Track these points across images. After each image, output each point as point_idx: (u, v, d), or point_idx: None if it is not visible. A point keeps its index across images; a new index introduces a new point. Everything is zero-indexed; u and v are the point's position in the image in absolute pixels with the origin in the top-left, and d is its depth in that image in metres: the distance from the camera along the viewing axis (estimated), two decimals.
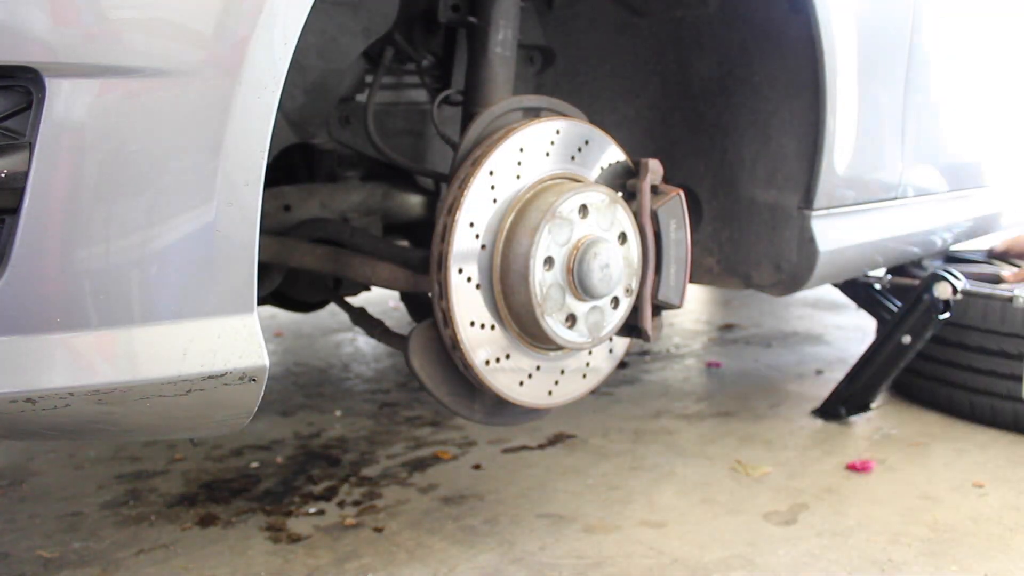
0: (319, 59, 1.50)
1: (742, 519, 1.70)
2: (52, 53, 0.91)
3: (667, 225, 1.48)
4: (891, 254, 2.12)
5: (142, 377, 0.99)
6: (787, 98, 1.76)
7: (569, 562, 1.54)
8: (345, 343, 3.28)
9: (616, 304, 1.42)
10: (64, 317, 0.95)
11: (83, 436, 1.12)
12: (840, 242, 1.83)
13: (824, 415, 2.30)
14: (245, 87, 0.97)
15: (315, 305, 2.26)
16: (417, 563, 1.54)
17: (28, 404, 0.96)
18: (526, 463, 2.01)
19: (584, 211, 1.36)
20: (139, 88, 0.93)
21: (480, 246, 1.34)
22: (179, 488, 1.88)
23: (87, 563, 1.56)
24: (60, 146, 0.92)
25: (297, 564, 1.54)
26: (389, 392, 2.60)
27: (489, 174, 1.33)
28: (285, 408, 2.45)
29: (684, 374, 2.78)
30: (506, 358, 1.38)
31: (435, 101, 1.57)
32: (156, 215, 0.96)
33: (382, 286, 1.48)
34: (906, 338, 2.16)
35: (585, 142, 1.43)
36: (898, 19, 1.89)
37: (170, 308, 0.98)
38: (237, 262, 1.01)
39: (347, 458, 2.05)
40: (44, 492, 1.87)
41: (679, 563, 1.53)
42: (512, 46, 1.54)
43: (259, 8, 0.98)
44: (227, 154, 0.97)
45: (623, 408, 2.41)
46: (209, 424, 1.14)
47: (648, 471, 1.95)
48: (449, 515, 1.73)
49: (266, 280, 1.70)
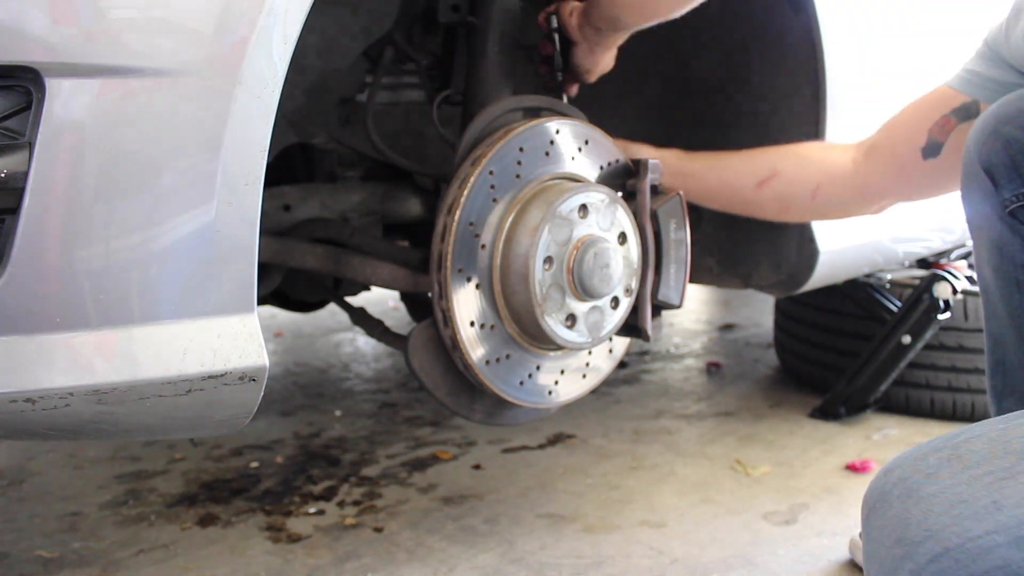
0: (319, 59, 1.50)
1: (742, 519, 1.70)
2: (52, 53, 0.91)
3: (667, 225, 1.48)
4: (891, 254, 2.12)
5: (142, 377, 0.99)
6: (787, 98, 1.76)
7: (569, 562, 1.54)
8: (345, 343, 3.28)
9: (616, 304, 1.42)
10: (64, 317, 0.95)
11: (83, 436, 1.12)
12: (840, 242, 1.83)
13: (824, 415, 2.30)
14: (245, 87, 0.97)
15: (315, 305, 2.26)
16: (417, 563, 1.54)
17: (28, 404, 0.96)
18: (526, 463, 2.01)
19: (584, 211, 1.36)
20: (139, 88, 0.93)
21: (480, 246, 1.34)
22: (179, 488, 1.88)
23: (87, 563, 1.56)
24: (60, 146, 0.92)
25: (297, 564, 1.54)
26: (389, 392, 2.60)
27: (489, 174, 1.33)
28: (285, 408, 2.45)
29: (684, 374, 2.78)
30: (506, 358, 1.38)
31: (435, 101, 1.57)
32: (156, 215, 0.96)
33: (382, 286, 1.48)
34: (906, 338, 2.17)
35: (585, 142, 1.43)
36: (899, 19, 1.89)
37: (170, 308, 0.98)
38: (237, 262, 1.01)
39: (347, 458, 2.05)
40: (44, 492, 1.88)
41: (679, 563, 1.53)
42: (512, 46, 1.54)
43: (259, 8, 0.98)
44: (227, 154, 0.97)
45: (623, 408, 2.41)
46: (209, 424, 1.14)
47: (648, 471, 1.95)
48: (449, 515, 1.73)
49: (266, 280, 1.70)
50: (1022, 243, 1.20)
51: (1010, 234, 1.20)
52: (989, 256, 1.24)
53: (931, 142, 1.40)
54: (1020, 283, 1.21)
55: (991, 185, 1.21)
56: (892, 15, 1.88)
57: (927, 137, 1.41)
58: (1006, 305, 1.24)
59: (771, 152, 1.62)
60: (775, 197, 1.58)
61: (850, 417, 2.27)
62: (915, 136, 1.43)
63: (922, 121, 1.42)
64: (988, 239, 1.24)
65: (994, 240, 1.22)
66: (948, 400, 2.25)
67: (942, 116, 1.40)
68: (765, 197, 1.59)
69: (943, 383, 2.25)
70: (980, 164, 1.22)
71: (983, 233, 1.25)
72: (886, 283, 2.35)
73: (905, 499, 0.79)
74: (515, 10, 1.53)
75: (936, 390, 2.26)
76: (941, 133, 1.39)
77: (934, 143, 1.40)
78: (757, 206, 1.62)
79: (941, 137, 1.39)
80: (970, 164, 1.25)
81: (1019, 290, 1.21)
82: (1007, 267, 1.22)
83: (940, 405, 2.27)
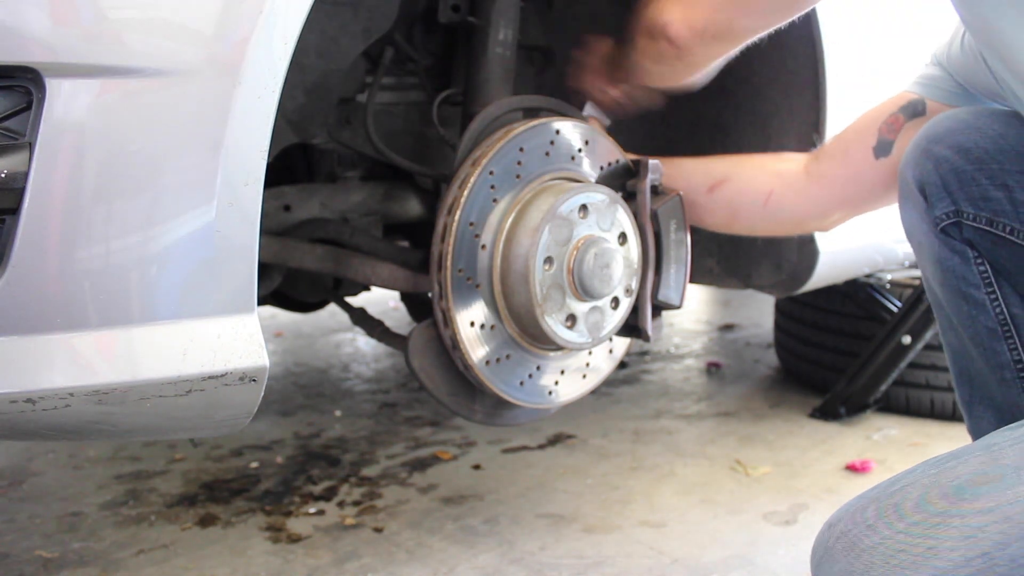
0: (319, 59, 1.50)
1: (742, 519, 1.70)
2: (52, 53, 0.91)
3: (667, 225, 1.48)
4: (891, 254, 2.11)
5: (142, 377, 0.98)
6: (787, 98, 1.75)
7: (569, 562, 1.54)
8: (345, 343, 3.28)
9: (616, 304, 1.42)
10: (64, 317, 0.95)
11: (83, 436, 1.12)
12: (840, 242, 1.83)
13: (824, 415, 2.30)
14: (245, 87, 0.97)
15: (315, 305, 2.26)
16: (417, 563, 1.54)
17: (28, 404, 0.96)
18: (526, 463, 2.01)
19: (584, 211, 1.36)
20: (139, 88, 0.93)
21: (480, 246, 1.34)
22: (179, 488, 1.88)
23: (87, 563, 1.56)
24: (60, 146, 0.92)
25: (297, 564, 1.54)
26: (389, 392, 2.60)
27: (489, 174, 1.33)
28: (285, 408, 2.45)
29: (684, 374, 2.78)
30: (506, 358, 1.38)
31: (435, 101, 1.57)
32: (156, 215, 0.96)
33: (382, 286, 1.48)
34: (906, 338, 2.17)
35: (585, 142, 1.43)
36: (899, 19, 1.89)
37: (170, 308, 0.98)
38: (237, 262, 1.01)
39: (347, 458, 2.05)
40: (44, 492, 1.88)
41: (679, 563, 1.53)
42: (512, 46, 1.54)
43: (259, 8, 0.98)
44: (227, 154, 0.97)
45: (623, 408, 2.41)
46: (209, 424, 1.14)
47: (648, 471, 1.95)
48: (449, 515, 1.73)
49: (266, 280, 1.69)
50: (960, 257, 1.22)
51: (947, 250, 1.22)
52: (933, 272, 1.26)
53: (881, 140, 1.40)
54: (965, 294, 1.22)
55: (924, 203, 1.23)
56: (892, 15, 1.88)
57: (877, 136, 1.41)
58: (957, 317, 1.25)
59: (726, 159, 1.60)
60: (726, 203, 1.54)
61: (850, 417, 2.28)
62: (866, 137, 1.42)
63: (873, 123, 1.43)
64: (928, 255, 1.26)
65: (934, 256, 1.24)
66: (948, 400, 2.25)
67: (890, 115, 1.40)
68: (715, 203, 1.54)
69: (943, 383, 2.25)
70: (914, 183, 1.25)
71: (923, 249, 1.27)
72: (886, 283, 2.35)
73: (847, 552, 0.81)
74: (515, 10, 1.53)
75: (936, 390, 2.26)
76: (890, 131, 1.39)
77: (884, 141, 1.40)
78: (707, 212, 1.56)
79: (890, 135, 1.39)
80: (904, 183, 1.27)
81: (966, 301, 1.22)
82: (951, 280, 1.23)
83: (940, 405, 2.27)
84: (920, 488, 0.82)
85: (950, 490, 0.80)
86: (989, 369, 1.23)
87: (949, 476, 0.82)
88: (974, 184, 1.18)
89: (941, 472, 0.83)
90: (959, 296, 1.23)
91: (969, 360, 1.28)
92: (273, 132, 1.00)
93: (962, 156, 1.19)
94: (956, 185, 1.19)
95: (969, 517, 0.76)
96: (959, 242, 1.21)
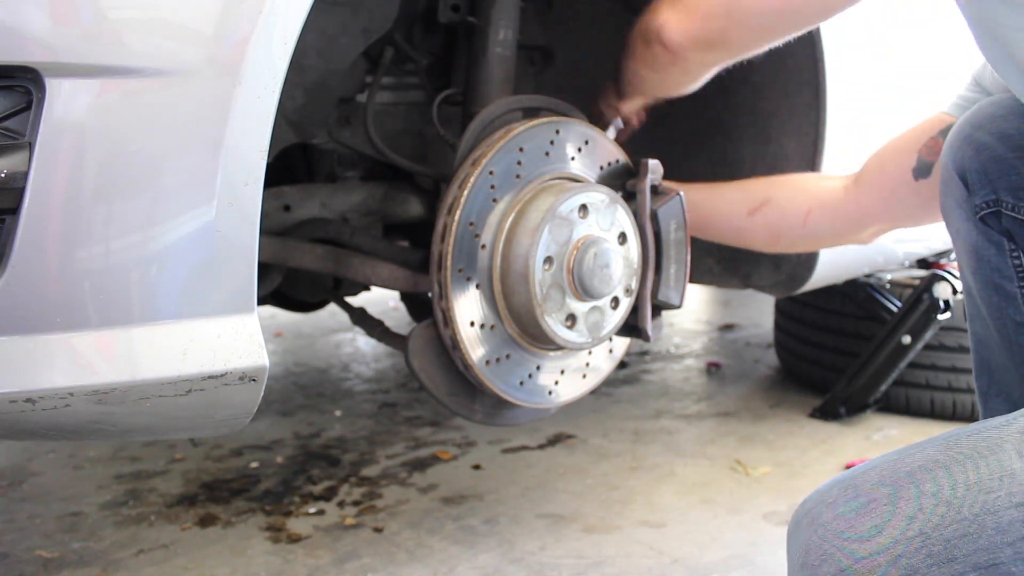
0: (319, 59, 1.50)
1: (742, 519, 1.70)
2: (52, 53, 0.91)
3: (667, 225, 1.48)
4: (892, 254, 2.12)
5: (142, 377, 0.98)
6: (787, 98, 1.75)
7: (569, 562, 1.54)
8: (345, 343, 3.28)
9: (616, 304, 1.42)
10: (64, 317, 0.95)
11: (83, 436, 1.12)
12: None
13: (824, 415, 2.30)
14: (245, 87, 0.97)
15: (315, 305, 2.26)
16: (417, 563, 1.54)
17: (28, 404, 0.96)
18: (526, 463, 2.01)
19: (584, 211, 1.36)
20: (139, 88, 0.93)
21: (480, 246, 1.34)
22: (179, 488, 1.88)
23: (87, 563, 1.56)
24: (60, 146, 0.92)
25: (297, 564, 1.54)
26: (389, 392, 2.60)
27: (489, 174, 1.33)
28: (285, 408, 2.45)
29: (684, 374, 2.78)
30: (506, 358, 1.38)
31: (435, 101, 1.57)
32: (156, 215, 0.96)
33: (382, 286, 1.48)
34: (906, 338, 2.17)
35: (585, 142, 1.43)
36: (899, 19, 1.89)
37: (170, 308, 0.98)
38: (237, 262, 1.01)
39: (347, 458, 2.05)
40: (44, 492, 1.88)
41: (679, 563, 1.53)
42: (512, 46, 1.54)
43: (259, 8, 0.98)
44: (227, 154, 0.97)
45: (623, 408, 2.41)
46: (209, 424, 1.14)
47: (648, 471, 1.95)
48: (449, 515, 1.73)
49: (266, 280, 1.69)
50: (995, 248, 1.21)
51: (984, 239, 1.22)
52: (967, 260, 1.26)
53: (921, 162, 1.41)
54: (997, 286, 1.22)
55: (964, 190, 1.23)
56: (892, 15, 1.88)
57: (917, 157, 1.42)
58: (987, 307, 1.25)
59: (764, 181, 1.63)
60: (766, 224, 1.58)
61: (850, 417, 2.28)
62: (906, 158, 1.44)
63: (913, 144, 1.44)
64: (965, 243, 1.25)
65: (970, 244, 1.24)
66: (948, 400, 2.25)
67: (930, 138, 1.41)
68: (756, 224, 1.58)
69: (943, 383, 2.25)
70: (954, 169, 1.24)
71: (960, 237, 1.27)
72: (886, 283, 2.35)
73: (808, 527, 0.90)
74: (515, 10, 1.53)
75: (936, 390, 2.27)
76: (930, 153, 1.40)
77: (924, 163, 1.41)
78: (749, 233, 1.61)
79: (931, 157, 1.40)
80: (945, 169, 1.27)
81: (997, 292, 1.22)
82: (984, 270, 1.23)
83: (940, 405, 2.27)
84: (879, 472, 0.89)
85: (903, 475, 0.87)
86: (1012, 363, 1.23)
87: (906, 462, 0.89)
88: (1014, 173, 1.17)
89: (901, 458, 0.90)
90: (991, 287, 1.22)
91: (992, 352, 1.28)
92: (273, 132, 1.00)
93: (1004, 143, 1.18)
94: (996, 173, 1.18)
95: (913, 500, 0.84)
96: (996, 232, 1.20)
